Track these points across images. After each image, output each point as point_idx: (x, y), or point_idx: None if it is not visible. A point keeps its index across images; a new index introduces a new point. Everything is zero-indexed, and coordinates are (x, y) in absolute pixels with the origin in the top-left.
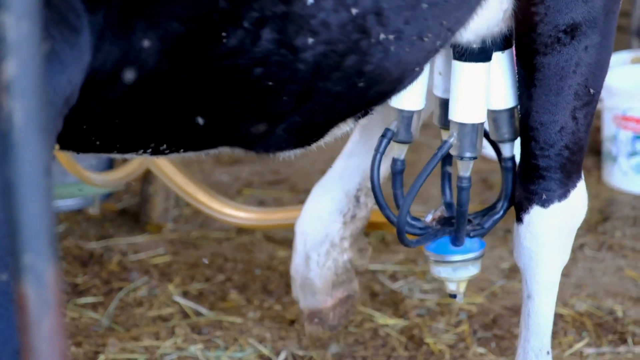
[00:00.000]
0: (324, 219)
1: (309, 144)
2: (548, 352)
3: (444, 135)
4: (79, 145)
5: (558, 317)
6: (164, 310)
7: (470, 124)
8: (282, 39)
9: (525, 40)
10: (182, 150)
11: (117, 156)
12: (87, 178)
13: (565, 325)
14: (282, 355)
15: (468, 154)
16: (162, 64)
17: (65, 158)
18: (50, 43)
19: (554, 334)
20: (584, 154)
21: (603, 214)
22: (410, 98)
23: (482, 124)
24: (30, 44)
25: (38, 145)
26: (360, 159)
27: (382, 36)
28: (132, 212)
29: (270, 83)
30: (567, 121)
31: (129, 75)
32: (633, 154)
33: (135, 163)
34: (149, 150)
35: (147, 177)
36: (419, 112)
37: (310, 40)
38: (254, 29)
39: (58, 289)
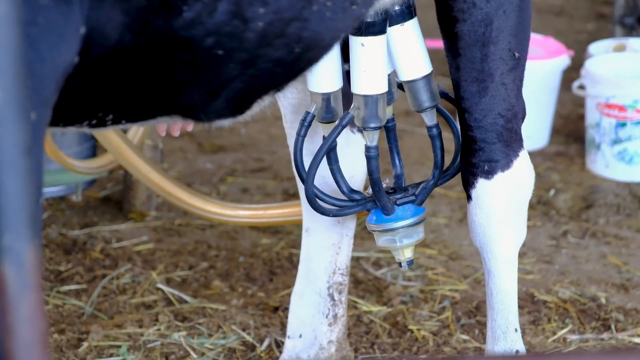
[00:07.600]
0: (310, 322)
1: (242, 113)
2: (516, 330)
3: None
4: None
5: (541, 304)
6: (147, 298)
7: (372, 95)
8: (236, 10)
9: (443, 9)
10: (124, 121)
11: (58, 130)
12: (70, 165)
13: (548, 312)
14: (266, 342)
15: (372, 124)
16: (125, 36)
17: (48, 145)
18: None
19: (538, 321)
20: (519, 120)
21: (586, 201)
22: (327, 81)
23: (383, 94)
24: (7, 24)
25: (17, 125)
26: (317, 260)
27: (321, 2)
28: (115, 199)
29: (220, 52)
30: (496, 88)
31: (93, 48)
32: (616, 141)
33: None
34: (94, 122)
35: None
36: (336, 92)
37: (262, 10)
38: (211, 1)
39: (37, 270)
